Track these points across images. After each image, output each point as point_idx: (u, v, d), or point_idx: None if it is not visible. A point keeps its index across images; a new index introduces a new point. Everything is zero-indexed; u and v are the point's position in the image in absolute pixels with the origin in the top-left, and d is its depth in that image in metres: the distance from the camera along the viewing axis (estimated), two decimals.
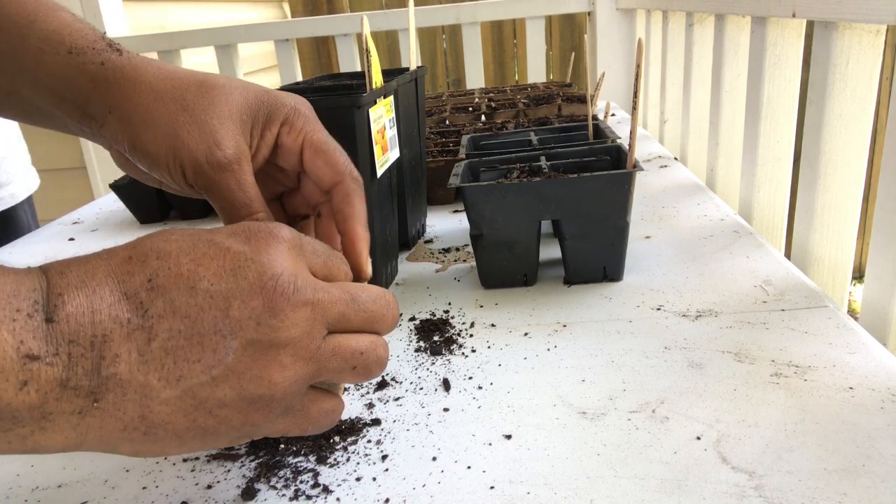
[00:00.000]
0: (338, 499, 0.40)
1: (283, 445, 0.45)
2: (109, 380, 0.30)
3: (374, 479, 0.41)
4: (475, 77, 1.91)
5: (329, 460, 0.43)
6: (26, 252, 0.95)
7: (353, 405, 0.50)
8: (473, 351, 0.56)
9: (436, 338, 0.58)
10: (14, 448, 0.29)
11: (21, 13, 0.43)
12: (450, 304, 0.65)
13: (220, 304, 0.31)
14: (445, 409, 0.48)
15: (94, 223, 1.06)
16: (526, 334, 0.57)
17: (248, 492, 0.41)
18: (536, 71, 1.89)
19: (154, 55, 1.97)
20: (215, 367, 0.31)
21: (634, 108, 0.61)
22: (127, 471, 0.45)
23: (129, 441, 0.31)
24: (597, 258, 0.65)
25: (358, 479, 0.41)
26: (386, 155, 0.65)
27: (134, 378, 0.30)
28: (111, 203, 1.16)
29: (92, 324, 0.29)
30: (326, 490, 0.41)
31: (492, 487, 0.39)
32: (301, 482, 0.41)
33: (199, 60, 2.36)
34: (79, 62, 0.42)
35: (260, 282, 0.32)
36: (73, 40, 0.43)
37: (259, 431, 0.34)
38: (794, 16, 0.75)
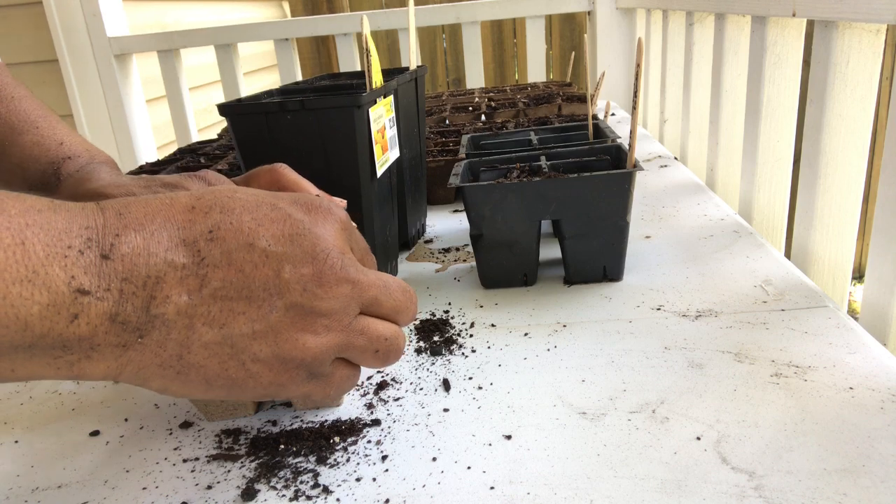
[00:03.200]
0: (338, 499, 0.40)
1: (282, 446, 0.45)
2: (157, 318, 0.31)
3: (374, 479, 0.41)
4: (475, 77, 1.91)
5: (329, 461, 0.43)
6: None
7: (353, 405, 0.50)
8: (473, 351, 0.56)
9: (436, 338, 0.58)
10: (60, 374, 0.30)
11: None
12: (450, 304, 0.65)
13: (273, 265, 0.33)
14: (445, 410, 0.48)
15: None
16: (526, 334, 0.57)
17: (248, 492, 0.41)
18: (536, 71, 1.89)
19: (154, 55, 1.98)
20: (258, 321, 0.33)
21: (634, 107, 0.61)
22: (127, 471, 0.45)
23: (161, 377, 0.33)
24: (597, 258, 0.65)
25: (358, 480, 0.41)
26: (386, 155, 0.65)
27: (180, 320, 0.31)
28: None
29: (147, 265, 0.30)
30: (326, 490, 0.41)
31: (492, 488, 0.39)
32: (301, 482, 0.41)
33: (199, 60, 2.36)
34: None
35: (313, 252, 0.34)
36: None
37: (284, 392, 0.36)
38: (794, 15, 0.75)
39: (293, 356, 0.34)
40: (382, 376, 0.53)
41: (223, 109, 0.58)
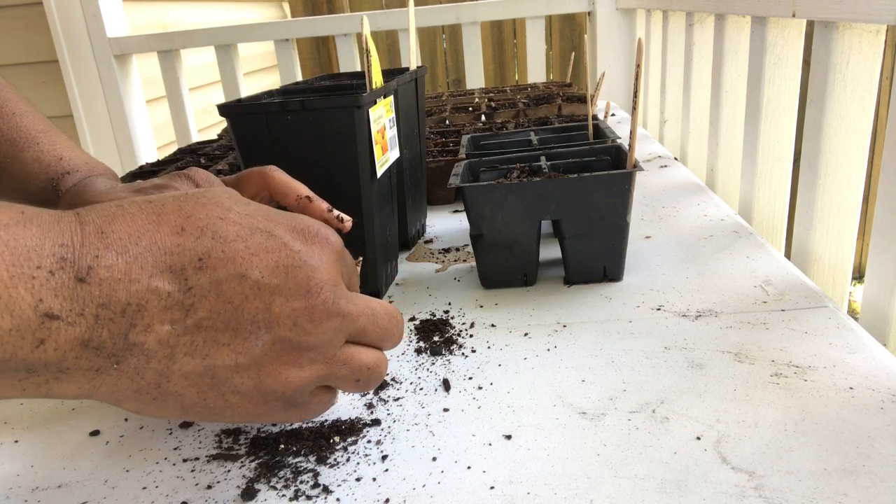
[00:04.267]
0: (338, 499, 0.40)
1: (282, 446, 0.45)
2: (135, 346, 0.29)
3: (374, 479, 0.41)
4: (475, 77, 1.91)
5: (329, 460, 0.43)
6: None
7: (353, 405, 0.50)
8: (473, 351, 0.56)
9: (436, 338, 0.58)
10: (28, 394, 0.29)
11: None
12: (450, 304, 0.65)
13: (265, 298, 0.32)
14: (445, 410, 0.48)
15: None
16: (526, 334, 0.57)
17: (248, 492, 0.41)
18: (536, 71, 1.89)
19: (154, 55, 1.98)
20: (242, 354, 0.32)
21: (634, 108, 0.61)
22: (127, 471, 0.45)
23: (136, 401, 0.32)
24: (597, 258, 0.65)
25: (358, 480, 0.41)
26: (386, 155, 0.65)
27: (161, 350, 0.30)
28: None
29: (128, 291, 0.29)
30: (326, 490, 0.41)
31: (492, 488, 0.39)
32: (301, 482, 0.41)
33: (200, 60, 2.36)
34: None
35: (307, 285, 0.33)
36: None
37: (260, 421, 0.35)
38: (794, 16, 0.75)
39: (274, 389, 0.33)
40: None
41: (223, 110, 0.58)
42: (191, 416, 0.34)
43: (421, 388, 0.51)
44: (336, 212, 0.46)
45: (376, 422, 0.47)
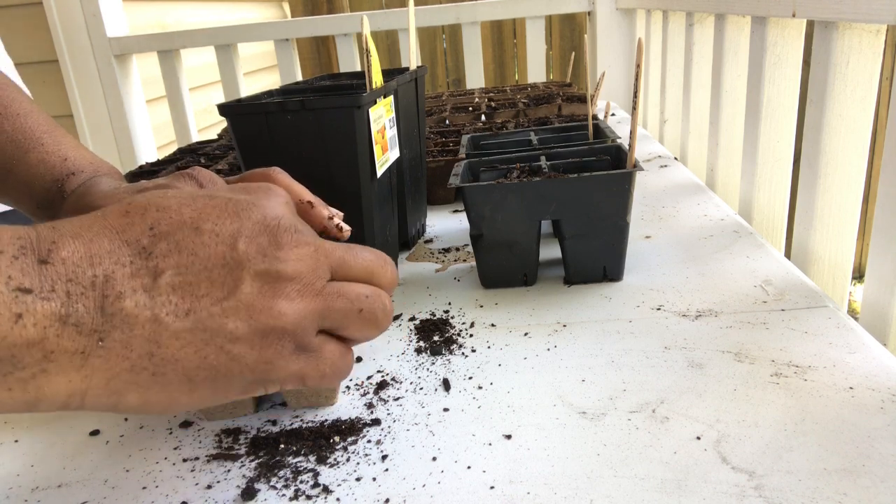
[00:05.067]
0: (338, 499, 0.40)
1: (282, 445, 0.45)
2: (115, 316, 0.29)
3: (374, 479, 0.41)
4: (475, 77, 1.91)
5: (329, 460, 0.43)
6: None
7: (353, 405, 0.50)
8: (473, 351, 0.56)
9: (436, 338, 0.58)
10: (15, 397, 0.28)
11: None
12: (450, 304, 0.65)
13: (226, 241, 0.32)
14: (445, 409, 0.48)
15: None
16: (526, 334, 0.57)
17: (248, 492, 0.41)
18: (536, 71, 1.89)
19: (154, 55, 1.98)
20: (225, 299, 0.31)
21: (634, 108, 0.61)
22: (127, 471, 0.45)
23: (136, 385, 0.30)
24: (597, 258, 0.65)
25: (358, 479, 0.41)
26: (386, 155, 0.65)
27: (141, 313, 0.29)
28: None
29: (91, 266, 0.29)
30: (326, 490, 0.41)
31: (492, 487, 0.39)
32: (301, 482, 0.41)
33: (200, 60, 2.36)
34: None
35: (264, 221, 0.33)
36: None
37: (274, 371, 0.33)
38: (794, 16, 0.75)
39: (272, 325, 0.32)
40: (382, 376, 0.53)
41: (223, 109, 0.58)
42: (201, 391, 0.32)
43: (421, 388, 0.51)
44: (336, 220, 0.46)
45: (376, 421, 0.47)
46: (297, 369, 0.34)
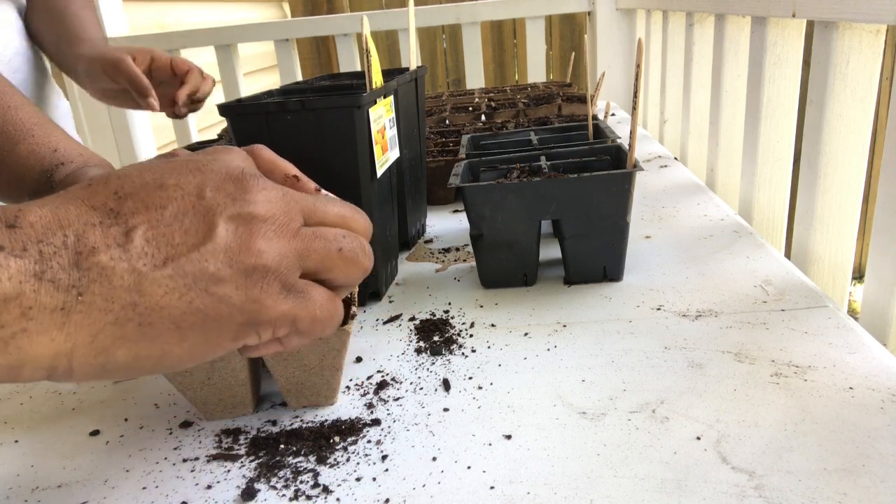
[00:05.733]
0: (338, 499, 0.40)
1: (282, 446, 0.45)
2: (91, 270, 0.29)
3: (374, 479, 0.41)
4: (475, 77, 1.91)
5: (329, 460, 0.43)
6: None
7: (353, 405, 0.50)
8: (473, 351, 0.56)
9: (436, 338, 0.58)
10: None
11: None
12: (450, 304, 0.65)
13: (192, 192, 0.32)
14: (445, 409, 0.48)
15: None
16: (526, 334, 0.57)
17: (248, 492, 0.41)
18: (536, 71, 1.89)
19: None
20: (201, 244, 0.31)
21: (634, 108, 0.61)
22: (127, 471, 0.45)
23: (123, 339, 0.30)
24: (597, 258, 0.65)
25: (358, 479, 0.41)
26: (386, 155, 0.65)
27: (118, 265, 0.29)
28: None
29: (61, 228, 0.29)
30: (326, 490, 0.41)
31: (492, 487, 0.39)
32: (301, 482, 0.41)
33: (200, 60, 2.36)
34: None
35: (227, 171, 0.33)
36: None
37: (264, 311, 0.33)
38: (794, 16, 0.75)
39: (253, 264, 0.32)
40: (382, 376, 0.53)
41: (223, 109, 0.58)
42: (192, 339, 0.31)
43: (421, 388, 0.51)
44: (324, 192, 0.46)
45: (376, 422, 0.47)
46: (286, 309, 0.34)
